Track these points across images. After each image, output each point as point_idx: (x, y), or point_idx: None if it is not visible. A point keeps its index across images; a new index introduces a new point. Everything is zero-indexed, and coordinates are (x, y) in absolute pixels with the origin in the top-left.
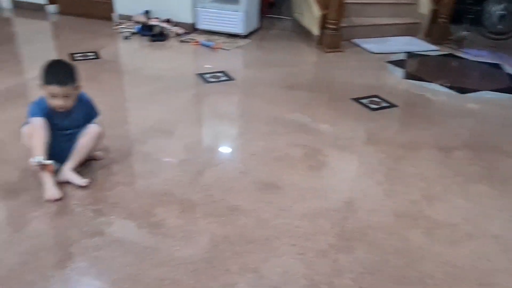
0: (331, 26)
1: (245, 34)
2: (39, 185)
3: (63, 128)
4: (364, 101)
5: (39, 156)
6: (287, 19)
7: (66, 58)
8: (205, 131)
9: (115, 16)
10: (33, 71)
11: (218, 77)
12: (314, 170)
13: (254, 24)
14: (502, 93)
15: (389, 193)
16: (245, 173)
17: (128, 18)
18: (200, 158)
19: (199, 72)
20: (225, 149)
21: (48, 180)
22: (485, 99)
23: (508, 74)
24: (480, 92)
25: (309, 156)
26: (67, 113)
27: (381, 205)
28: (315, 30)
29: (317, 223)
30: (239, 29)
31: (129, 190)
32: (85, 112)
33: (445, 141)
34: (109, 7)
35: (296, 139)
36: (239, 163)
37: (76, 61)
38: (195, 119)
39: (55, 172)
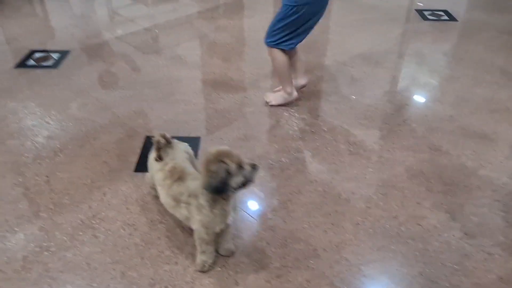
0: None
1: None
2: None
3: None
4: None
5: None
6: None
7: None
8: (413, 67)
9: None
10: None
11: (438, 15)
12: None
13: None
14: None
15: None
16: (453, 118)
17: None
18: (404, 92)
19: (418, 8)
20: (433, 90)
21: None
22: None
23: None
24: None
25: None
26: None
27: None
28: None
29: None
30: None
31: (332, 108)
32: None
33: None
34: None
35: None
36: (448, 106)
37: None
38: (408, 54)
39: None
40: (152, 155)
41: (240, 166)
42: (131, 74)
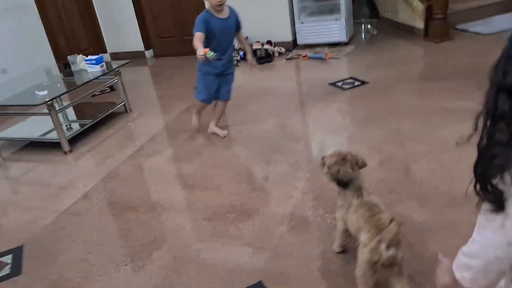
0: (438, 16)
1: (347, 41)
2: None
3: (221, 32)
4: None
5: (200, 50)
6: (372, 21)
7: (193, 91)
8: (376, 130)
9: None
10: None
11: (351, 83)
12: None
13: (351, 30)
14: None
15: None
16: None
17: None
18: (399, 154)
19: (331, 82)
20: (420, 138)
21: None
22: None
23: None
24: None
25: None
26: (224, 19)
27: None
28: (418, 23)
29: None
30: (341, 37)
31: None
32: (235, 20)
33: None
34: None
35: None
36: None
37: None
38: (358, 122)
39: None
40: None
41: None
42: None
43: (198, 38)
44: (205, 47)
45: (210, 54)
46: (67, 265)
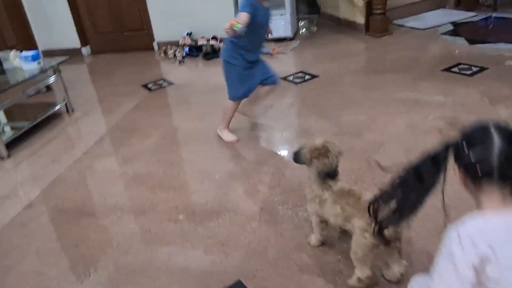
0: (378, 11)
1: (292, 36)
2: None
3: (263, 23)
4: (454, 69)
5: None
6: (313, 17)
7: (140, 89)
8: (333, 122)
9: (155, 44)
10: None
11: (301, 77)
12: None
13: (295, 25)
14: None
15: None
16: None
17: (171, 43)
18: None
19: (282, 76)
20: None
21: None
22: None
23: None
24: None
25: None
26: (267, 9)
27: None
28: (359, 18)
29: None
30: (287, 32)
31: None
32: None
33: None
34: (148, 37)
35: (430, 113)
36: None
37: (152, 92)
38: (314, 114)
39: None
40: None
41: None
42: None
43: (242, 17)
44: (242, 36)
45: (238, 26)
46: (21, 281)
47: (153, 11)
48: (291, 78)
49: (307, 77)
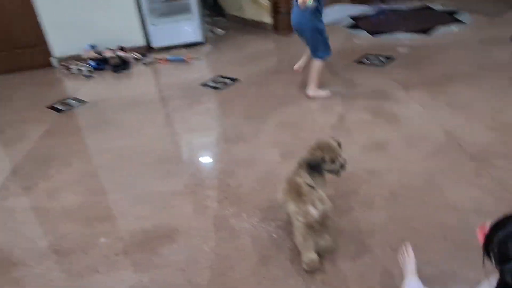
0: (284, 11)
1: (203, 40)
2: None
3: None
4: (366, 61)
5: None
6: (218, 19)
7: (47, 111)
8: (266, 124)
9: (54, 60)
10: None
11: (222, 81)
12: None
13: (204, 30)
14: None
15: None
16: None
17: (73, 58)
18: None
19: (202, 83)
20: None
21: None
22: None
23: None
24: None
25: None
26: None
27: None
28: (266, 18)
29: None
30: (197, 36)
31: None
32: None
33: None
34: (44, 53)
35: (354, 104)
36: None
37: (63, 113)
38: (245, 118)
39: None
40: None
41: (332, 161)
42: None
43: None
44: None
45: (310, 1)
46: None
47: (47, 24)
48: (211, 84)
49: (228, 81)
